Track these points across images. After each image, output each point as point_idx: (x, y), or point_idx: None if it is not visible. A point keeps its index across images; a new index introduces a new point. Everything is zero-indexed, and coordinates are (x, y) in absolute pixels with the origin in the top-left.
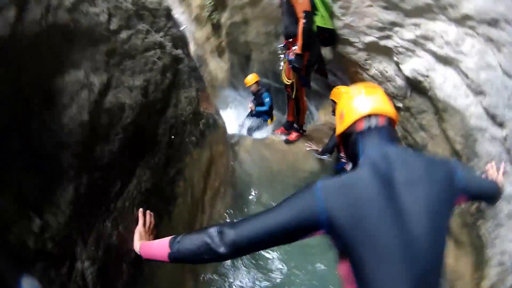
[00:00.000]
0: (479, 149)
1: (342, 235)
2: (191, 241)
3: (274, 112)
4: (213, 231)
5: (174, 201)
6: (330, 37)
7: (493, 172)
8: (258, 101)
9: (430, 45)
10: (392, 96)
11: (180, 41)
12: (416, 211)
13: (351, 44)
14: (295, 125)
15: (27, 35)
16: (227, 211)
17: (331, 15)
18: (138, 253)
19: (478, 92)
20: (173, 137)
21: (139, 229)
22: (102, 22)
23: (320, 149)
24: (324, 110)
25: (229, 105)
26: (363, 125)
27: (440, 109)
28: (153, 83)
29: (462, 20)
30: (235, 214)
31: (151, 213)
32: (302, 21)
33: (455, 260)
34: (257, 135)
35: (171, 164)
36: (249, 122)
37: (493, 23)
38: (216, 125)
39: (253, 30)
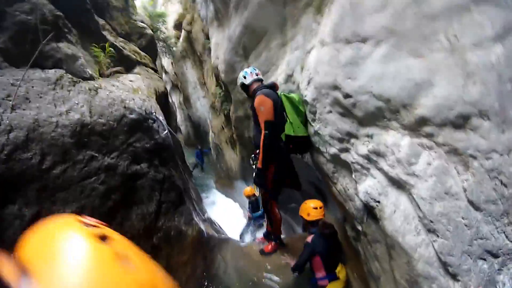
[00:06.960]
0: None
1: None
2: None
3: None
4: None
5: None
6: (303, 144)
7: None
8: (254, 208)
9: (382, 163)
10: (353, 217)
11: (148, 153)
12: None
13: (321, 153)
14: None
15: None
16: None
17: (305, 120)
18: None
19: (431, 229)
20: None
21: None
22: (34, 164)
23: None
24: None
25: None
26: None
27: (388, 245)
28: (89, 209)
29: (417, 126)
30: None
31: None
32: (263, 133)
33: None
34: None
35: None
36: (241, 229)
37: (459, 122)
38: (182, 235)
39: None
